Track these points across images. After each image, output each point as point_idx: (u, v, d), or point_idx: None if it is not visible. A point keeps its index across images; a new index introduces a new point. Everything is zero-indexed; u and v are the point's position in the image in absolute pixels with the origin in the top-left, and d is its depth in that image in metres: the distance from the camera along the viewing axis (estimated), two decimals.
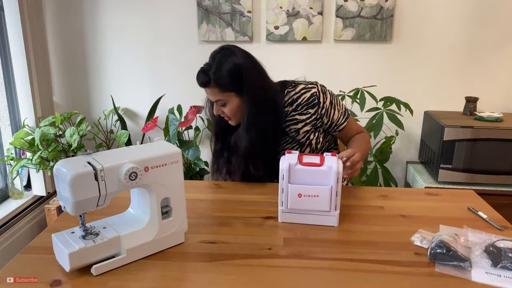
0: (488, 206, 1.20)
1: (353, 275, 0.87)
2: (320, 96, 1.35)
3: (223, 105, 1.33)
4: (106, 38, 2.57)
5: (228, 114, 1.34)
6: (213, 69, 1.28)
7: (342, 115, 1.40)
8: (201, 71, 1.30)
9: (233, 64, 1.28)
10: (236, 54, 1.30)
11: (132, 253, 0.90)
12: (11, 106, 2.36)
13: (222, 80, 1.27)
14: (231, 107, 1.32)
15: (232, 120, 1.37)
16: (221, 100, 1.31)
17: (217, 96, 1.30)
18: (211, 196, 1.29)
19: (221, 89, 1.28)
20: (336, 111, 1.38)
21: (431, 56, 2.42)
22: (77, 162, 0.83)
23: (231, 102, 1.31)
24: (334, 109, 1.38)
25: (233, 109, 1.32)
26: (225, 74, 1.27)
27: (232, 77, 1.28)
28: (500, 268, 0.88)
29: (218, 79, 1.27)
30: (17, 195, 2.35)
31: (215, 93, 1.30)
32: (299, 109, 1.36)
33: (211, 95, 1.32)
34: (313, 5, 2.37)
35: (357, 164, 1.19)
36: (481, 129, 2.08)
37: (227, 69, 1.27)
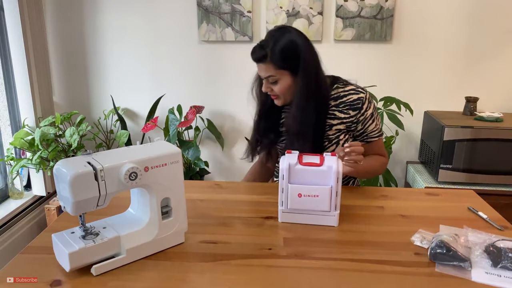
0: (488, 206, 1.20)
1: (353, 275, 0.87)
2: (365, 103, 1.37)
3: (274, 83, 1.32)
4: (106, 38, 2.57)
5: (277, 93, 1.34)
6: (270, 45, 1.28)
7: (377, 130, 1.42)
8: (258, 46, 1.30)
9: (291, 41, 1.29)
10: (294, 33, 1.31)
11: (132, 253, 0.90)
12: (11, 106, 2.36)
13: (278, 57, 1.28)
14: (282, 85, 1.32)
15: (279, 99, 1.37)
16: (273, 77, 1.31)
17: (270, 72, 1.30)
18: (211, 196, 1.29)
19: (276, 65, 1.29)
20: (373, 124, 1.40)
21: (431, 56, 2.42)
22: (77, 162, 0.83)
23: (282, 81, 1.31)
24: (372, 121, 1.39)
25: (284, 87, 1.32)
26: (282, 51, 1.28)
27: (288, 55, 1.29)
28: (500, 268, 0.88)
29: (275, 55, 1.28)
30: (17, 195, 2.35)
31: (269, 69, 1.30)
32: (341, 107, 1.37)
33: (264, 71, 1.31)
34: (313, 5, 2.37)
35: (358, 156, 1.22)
36: (481, 129, 2.08)
37: (284, 46, 1.28)
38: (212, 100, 2.61)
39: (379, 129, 1.43)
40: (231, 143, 2.68)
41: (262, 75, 1.33)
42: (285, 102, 1.37)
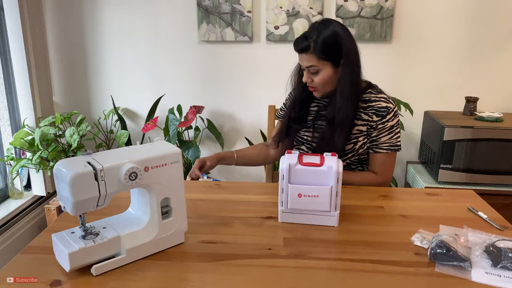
0: (488, 206, 1.20)
1: (353, 275, 0.87)
2: (390, 113, 1.37)
3: (315, 73, 1.34)
4: (106, 38, 2.57)
5: (317, 84, 1.35)
6: (313, 36, 1.30)
7: (389, 144, 1.40)
8: (301, 36, 1.33)
9: (334, 33, 1.31)
10: (337, 26, 1.33)
11: (132, 253, 0.90)
12: (11, 106, 2.36)
13: (321, 48, 1.30)
14: (323, 76, 1.33)
15: (318, 90, 1.39)
16: (314, 67, 1.32)
17: (312, 63, 1.32)
18: (211, 196, 1.29)
19: (318, 56, 1.31)
20: (387, 136, 1.39)
21: (431, 56, 2.42)
22: (77, 162, 0.83)
23: (323, 72, 1.33)
24: (388, 133, 1.39)
25: (324, 79, 1.34)
26: (325, 42, 1.30)
27: (331, 46, 1.31)
28: (500, 268, 0.88)
29: (317, 46, 1.30)
30: (17, 195, 2.35)
31: (311, 60, 1.32)
32: (368, 109, 1.39)
33: (306, 61, 1.33)
34: (313, 5, 2.37)
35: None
36: (481, 129, 2.08)
37: (327, 38, 1.30)
38: (212, 100, 2.61)
39: (393, 144, 1.40)
40: (231, 143, 2.68)
41: (304, 65, 1.35)
42: (323, 93, 1.40)
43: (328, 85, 1.37)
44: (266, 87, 2.54)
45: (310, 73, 1.35)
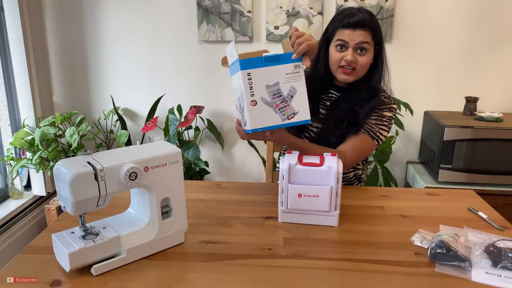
0: (488, 206, 1.20)
1: (353, 275, 0.87)
2: (386, 105, 1.36)
3: (363, 52, 1.28)
4: (106, 38, 2.57)
5: (360, 65, 1.29)
6: (368, 16, 1.27)
7: (369, 127, 1.33)
8: (359, 14, 1.27)
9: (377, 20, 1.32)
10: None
11: (132, 253, 0.90)
12: (11, 106, 2.36)
13: (376, 27, 1.28)
14: (369, 57, 1.29)
15: (355, 73, 1.31)
16: (366, 44, 1.27)
17: (367, 39, 1.26)
18: (211, 196, 1.29)
19: (373, 34, 1.27)
20: (373, 121, 1.34)
21: (431, 56, 2.42)
22: (77, 162, 0.83)
23: (369, 53, 1.29)
24: (375, 120, 1.34)
25: (369, 60, 1.30)
26: (377, 24, 1.29)
27: (379, 31, 1.30)
28: (500, 268, 0.88)
29: (375, 25, 1.28)
30: (17, 195, 2.35)
31: (366, 36, 1.26)
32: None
33: (360, 36, 1.26)
34: (313, 5, 2.37)
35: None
36: (481, 129, 2.08)
37: (377, 22, 1.30)
38: (212, 100, 2.61)
39: (372, 131, 1.33)
40: (231, 143, 2.68)
41: (358, 40, 1.25)
42: (358, 77, 1.32)
43: (366, 68, 1.31)
44: None
45: (357, 52, 1.28)
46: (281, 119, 1.01)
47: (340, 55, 1.29)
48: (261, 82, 0.99)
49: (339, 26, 1.29)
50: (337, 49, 1.30)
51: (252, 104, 0.99)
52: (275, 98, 1.00)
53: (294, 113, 1.01)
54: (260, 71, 0.98)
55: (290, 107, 1.00)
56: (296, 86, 1.01)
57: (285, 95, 1.01)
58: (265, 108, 1.00)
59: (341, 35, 1.28)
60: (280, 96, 1.00)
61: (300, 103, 1.02)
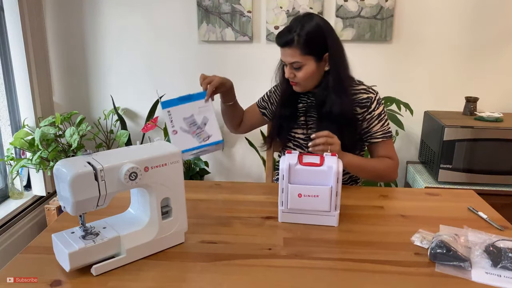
0: (488, 206, 1.20)
1: (353, 275, 0.87)
2: (373, 103, 1.36)
3: (298, 69, 1.31)
4: (106, 38, 2.57)
5: (300, 79, 1.33)
6: (297, 29, 1.27)
7: (382, 132, 1.38)
8: (285, 30, 1.30)
9: (317, 26, 1.29)
10: (319, 19, 1.32)
11: (132, 253, 0.90)
12: (11, 106, 2.36)
13: (304, 41, 1.27)
14: (306, 71, 1.31)
15: (299, 86, 1.36)
16: (298, 63, 1.30)
17: (296, 58, 1.29)
18: (211, 196, 1.29)
19: (302, 50, 1.28)
20: (378, 125, 1.37)
21: (431, 56, 2.42)
22: (77, 162, 0.83)
23: (307, 67, 1.31)
24: (378, 122, 1.37)
25: (307, 74, 1.32)
26: (308, 35, 1.28)
27: (314, 40, 1.29)
28: (500, 268, 0.88)
29: (301, 40, 1.27)
30: (17, 195, 2.35)
31: (295, 55, 1.29)
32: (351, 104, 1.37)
33: (290, 56, 1.30)
34: (313, 5, 2.37)
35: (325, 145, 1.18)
36: (481, 129, 2.08)
37: (311, 31, 1.28)
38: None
39: (385, 131, 1.38)
40: (231, 143, 2.68)
41: (287, 61, 1.32)
42: (305, 89, 1.37)
43: (310, 80, 1.34)
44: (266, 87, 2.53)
45: (293, 68, 1.32)
46: (198, 141, 1.26)
47: (285, 70, 1.36)
48: (180, 116, 1.26)
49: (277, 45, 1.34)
50: (283, 65, 1.37)
51: (173, 133, 1.25)
52: (191, 126, 1.27)
53: (208, 136, 1.27)
54: (177, 108, 1.26)
55: (204, 132, 1.27)
56: (208, 116, 1.28)
57: (199, 123, 1.27)
58: (184, 135, 1.25)
59: (280, 54, 1.35)
60: (195, 125, 1.27)
61: (212, 128, 1.28)
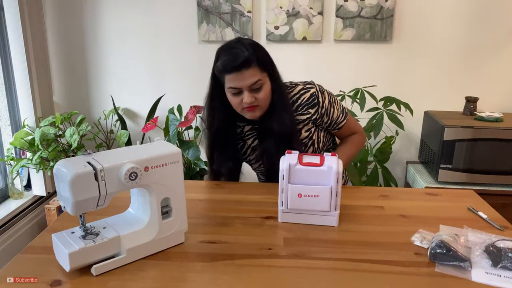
0: (488, 206, 1.20)
1: (353, 275, 0.87)
2: (319, 96, 1.34)
3: (258, 89, 1.23)
4: (106, 38, 2.57)
5: (261, 100, 1.25)
6: (247, 49, 1.20)
7: (341, 113, 1.40)
8: (239, 51, 1.19)
9: (256, 43, 1.26)
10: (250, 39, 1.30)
11: (132, 253, 0.90)
12: (11, 106, 2.36)
13: (258, 58, 1.21)
14: (266, 90, 1.24)
15: (260, 109, 1.27)
16: (259, 82, 1.22)
17: (257, 76, 1.21)
18: (211, 196, 1.29)
19: (260, 67, 1.22)
20: (335, 110, 1.38)
21: (431, 56, 2.42)
22: (77, 162, 0.83)
23: (266, 85, 1.25)
24: (333, 107, 1.37)
25: (267, 92, 1.25)
26: (259, 52, 1.23)
27: (264, 56, 1.25)
28: (500, 268, 0.88)
29: (255, 56, 1.20)
30: (17, 195, 2.35)
31: (255, 74, 1.21)
32: (300, 109, 1.34)
33: (250, 77, 1.20)
34: (313, 5, 2.37)
35: None
36: (481, 129, 2.08)
37: (258, 48, 1.24)
38: None
39: (342, 110, 1.40)
40: None
41: (246, 84, 1.21)
42: (263, 111, 1.29)
43: (269, 99, 1.27)
44: None
45: (252, 91, 1.23)
46: None
47: (238, 99, 1.25)
48: None
49: (224, 72, 1.23)
50: (232, 95, 1.26)
51: None
52: None
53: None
54: None
55: None
56: None
57: None
58: None
59: (230, 82, 1.23)
60: None
61: None
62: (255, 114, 1.28)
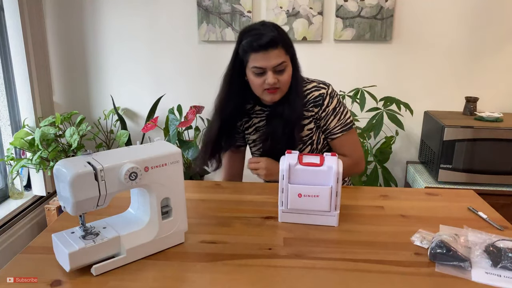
0: (488, 206, 1.20)
1: (353, 275, 0.87)
2: (326, 99, 1.32)
3: (282, 71, 1.23)
4: (106, 38, 2.57)
5: (283, 83, 1.24)
6: (275, 31, 1.19)
7: (341, 125, 1.35)
8: (266, 32, 1.18)
9: (281, 28, 1.25)
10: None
11: (132, 253, 0.90)
12: (11, 106, 2.36)
13: (285, 40, 1.21)
14: (289, 73, 1.25)
15: (280, 92, 1.27)
16: (283, 64, 1.22)
17: (282, 58, 1.21)
18: (211, 196, 1.29)
19: (285, 50, 1.22)
20: (335, 120, 1.34)
21: (431, 56, 2.42)
22: (77, 162, 0.83)
23: (289, 68, 1.25)
24: (334, 116, 1.34)
25: (289, 76, 1.25)
26: (285, 35, 1.23)
27: (288, 40, 1.24)
28: (500, 268, 0.88)
29: (282, 38, 1.20)
30: (17, 195, 2.35)
31: (281, 55, 1.21)
32: (307, 105, 1.33)
33: (276, 58, 1.20)
34: (313, 5, 2.37)
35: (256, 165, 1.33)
36: (481, 129, 2.08)
37: (283, 31, 1.23)
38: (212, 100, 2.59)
39: (344, 124, 1.35)
40: None
41: (271, 64, 1.21)
42: (283, 94, 1.29)
43: (289, 83, 1.27)
44: None
45: (276, 73, 1.23)
46: None
47: (261, 80, 1.24)
48: None
49: (250, 51, 1.22)
50: (255, 75, 1.25)
51: None
52: None
53: None
54: None
55: None
56: None
57: None
58: None
59: (255, 62, 1.22)
60: None
61: None
62: (275, 97, 1.28)
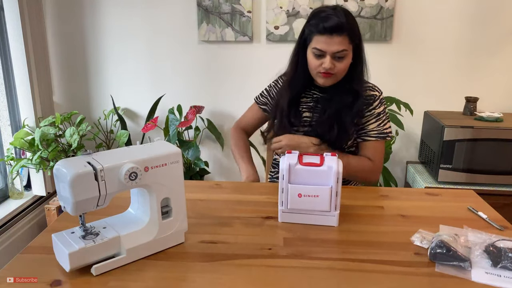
0: (488, 206, 1.20)
1: (353, 275, 0.87)
2: (376, 102, 1.35)
3: (341, 58, 1.24)
4: (106, 38, 2.57)
5: (339, 70, 1.26)
6: (345, 18, 1.19)
7: (378, 132, 1.36)
8: (336, 17, 1.19)
9: (353, 16, 1.24)
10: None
11: (132, 253, 0.90)
12: (11, 106, 2.36)
13: (351, 29, 1.21)
14: (347, 62, 1.26)
15: (334, 78, 1.29)
16: (344, 52, 1.23)
17: (344, 46, 1.22)
18: (211, 196, 1.29)
19: (349, 39, 1.22)
20: (375, 124, 1.36)
21: (431, 56, 2.42)
22: (77, 162, 0.83)
23: (348, 57, 1.26)
24: (376, 121, 1.36)
25: (347, 64, 1.26)
26: (354, 24, 1.23)
27: (356, 29, 1.24)
28: (500, 268, 0.88)
29: (349, 27, 1.20)
30: (17, 195, 2.35)
31: (344, 43, 1.21)
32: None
33: (338, 44, 1.21)
34: (313, 5, 2.36)
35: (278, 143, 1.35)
36: (481, 129, 2.08)
37: (353, 20, 1.23)
38: (212, 100, 2.61)
39: (381, 131, 1.37)
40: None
41: (333, 49, 1.22)
42: (336, 81, 1.31)
43: (345, 72, 1.29)
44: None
45: (334, 59, 1.24)
46: None
47: (318, 62, 1.26)
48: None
49: (315, 32, 1.23)
50: (314, 56, 1.26)
51: None
52: None
53: None
54: None
55: None
56: None
57: None
58: None
59: (317, 43, 1.23)
60: None
61: None
62: (327, 82, 1.30)
